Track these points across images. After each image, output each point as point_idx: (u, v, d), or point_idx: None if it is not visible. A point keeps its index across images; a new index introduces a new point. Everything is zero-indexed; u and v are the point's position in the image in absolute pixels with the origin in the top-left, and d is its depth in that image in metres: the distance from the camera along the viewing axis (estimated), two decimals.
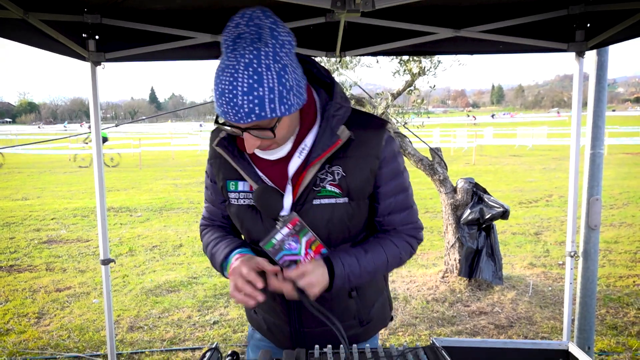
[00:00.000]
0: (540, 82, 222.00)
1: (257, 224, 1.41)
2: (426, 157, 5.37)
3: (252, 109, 1.15)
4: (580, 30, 2.80)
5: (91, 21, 2.78)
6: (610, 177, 12.88)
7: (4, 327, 4.60)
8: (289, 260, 1.34)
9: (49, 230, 8.76)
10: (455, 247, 5.29)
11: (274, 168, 1.37)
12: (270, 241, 1.32)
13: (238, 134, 1.25)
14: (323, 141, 1.31)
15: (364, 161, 1.36)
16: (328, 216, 1.35)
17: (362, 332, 1.53)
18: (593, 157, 3.35)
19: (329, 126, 1.33)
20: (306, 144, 1.35)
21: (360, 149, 1.36)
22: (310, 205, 1.35)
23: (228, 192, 1.45)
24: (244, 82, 1.13)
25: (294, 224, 1.31)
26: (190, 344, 4.18)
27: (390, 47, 3.06)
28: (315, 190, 1.35)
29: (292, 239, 1.32)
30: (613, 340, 4.08)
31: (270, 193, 1.34)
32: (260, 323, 1.60)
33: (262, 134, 1.22)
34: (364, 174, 1.37)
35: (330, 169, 1.35)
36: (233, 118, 1.17)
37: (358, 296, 1.48)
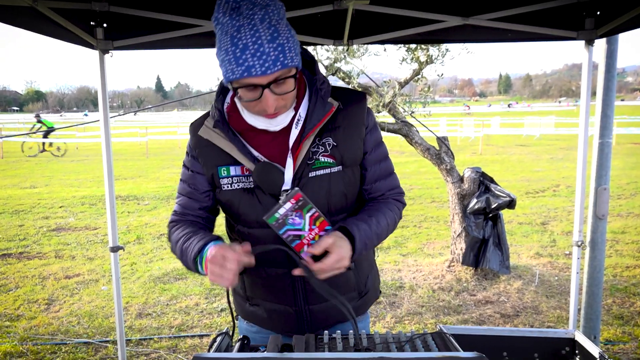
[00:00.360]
0: (548, 71, 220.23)
1: (254, 206, 1.41)
2: (433, 147, 5.36)
3: (277, 56, 1.20)
4: (590, 18, 2.78)
5: (99, 9, 2.77)
6: (619, 167, 12.81)
7: (14, 312, 4.66)
8: (292, 235, 1.35)
9: (58, 218, 8.83)
10: (461, 237, 5.29)
11: (271, 144, 1.40)
12: (273, 215, 1.33)
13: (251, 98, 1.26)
14: (316, 111, 1.38)
15: (352, 129, 1.43)
16: (326, 187, 1.40)
17: (360, 304, 1.57)
18: (601, 146, 3.34)
19: (319, 97, 1.39)
20: (300, 115, 1.39)
21: (347, 118, 1.43)
22: (307, 179, 1.39)
23: (220, 178, 1.44)
24: (266, 33, 1.19)
25: (297, 199, 1.32)
26: (198, 331, 4.22)
27: (398, 35, 3.04)
28: (309, 164, 1.39)
29: (296, 214, 1.33)
30: (619, 330, 4.09)
31: (270, 168, 1.36)
32: (257, 314, 1.58)
33: (283, 88, 1.26)
34: (354, 141, 1.44)
35: (322, 141, 1.41)
36: (260, 70, 1.19)
37: (356, 268, 1.49)
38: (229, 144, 1.40)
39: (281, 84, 1.25)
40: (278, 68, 1.20)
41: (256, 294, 1.55)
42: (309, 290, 1.45)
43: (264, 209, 1.37)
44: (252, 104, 1.29)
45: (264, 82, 1.22)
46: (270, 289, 1.51)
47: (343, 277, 1.46)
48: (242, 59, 1.19)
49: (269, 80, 1.22)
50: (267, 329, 1.58)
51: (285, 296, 1.49)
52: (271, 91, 1.25)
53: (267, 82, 1.23)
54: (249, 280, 1.56)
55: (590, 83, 2.89)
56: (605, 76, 3.28)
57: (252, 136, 1.40)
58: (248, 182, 1.41)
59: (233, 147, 1.39)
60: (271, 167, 1.36)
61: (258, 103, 1.27)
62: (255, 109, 1.31)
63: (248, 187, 1.41)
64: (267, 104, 1.26)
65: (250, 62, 1.19)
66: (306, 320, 1.50)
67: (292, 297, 1.48)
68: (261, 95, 1.25)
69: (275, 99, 1.26)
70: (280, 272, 1.45)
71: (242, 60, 1.19)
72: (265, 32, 1.19)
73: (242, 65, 1.19)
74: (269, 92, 1.24)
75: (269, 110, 1.28)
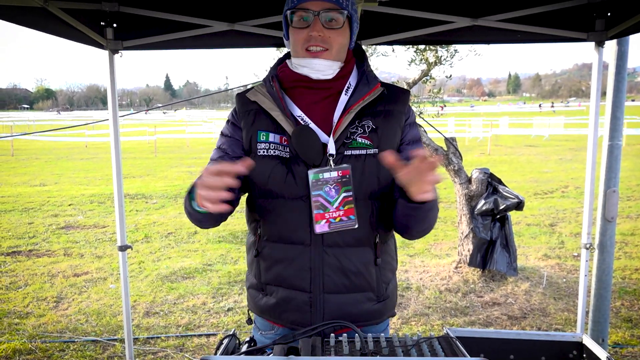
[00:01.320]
0: (558, 71, 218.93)
1: (284, 176, 1.41)
2: (441, 147, 5.35)
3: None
4: (600, 19, 2.76)
5: (109, 9, 2.80)
6: (628, 169, 12.71)
7: (23, 310, 4.70)
8: (320, 203, 1.37)
9: (67, 216, 8.89)
10: (469, 238, 5.28)
11: (316, 107, 1.45)
12: (318, 174, 1.36)
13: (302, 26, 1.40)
14: (362, 86, 1.46)
15: (393, 116, 1.47)
16: (360, 167, 1.41)
17: (377, 309, 1.51)
18: (611, 148, 3.31)
19: (366, 76, 1.48)
20: (351, 84, 1.47)
21: (389, 106, 1.48)
22: (342, 156, 1.41)
23: (258, 142, 1.44)
24: None
25: (344, 174, 1.37)
26: (205, 330, 4.24)
27: (407, 36, 3.04)
28: (346, 143, 1.41)
29: (334, 187, 1.37)
30: (627, 333, 4.06)
31: (309, 133, 1.39)
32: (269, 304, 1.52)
33: (331, 23, 1.40)
34: (393, 127, 1.47)
35: (361, 123, 1.44)
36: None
37: (379, 267, 1.49)
38: (273, 106, 1.43)
39: (331, 20, 1.39)
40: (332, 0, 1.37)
41: (271, 280, 1.49)
42: (327, 274, 1.43)
43: (294, 180, 1.39)
44: (302, 33, 1.40)
45: (316, 9, 1.38)
46: (287, 270, 1.46)
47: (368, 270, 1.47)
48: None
49: (320, 7, 1.38)
50: (278, 323, 1.52)
51: (301, 279, 1.44)
52: (320, 20, 1.38)
53: (319, 9, 1.38)
54: (265, 265, 1.50)
55: (600, 84, 2.87)
56: (616, 78, 3.26)
57: (298, 94, 1.46)
58: (285, 151, 1.42)
59: (277, 109, 1.42)
60: (310, 132, 1.39)
61: (307, 31, 1.40)
62: (303, 39, 1.41)
63: (283, 156, 1.42)
64: (315, 28, 1.38)
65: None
66: (319, 310, 1.44)
67: (308, 280, 1.44)
68: (311, 23, 1.38)
69: (322, 28, 1.39)
70: (299, 250, 1.43)
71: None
72: None
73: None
74: (318, 19, 1.38)
75: (314, 33, 1.38)
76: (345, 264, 1.42)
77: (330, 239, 1.41)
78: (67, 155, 20.12)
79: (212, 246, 6.82)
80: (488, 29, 2.93)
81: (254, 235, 1.53)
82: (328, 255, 1.42)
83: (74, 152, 21.29)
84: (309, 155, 1.38)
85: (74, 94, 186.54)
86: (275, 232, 1.45)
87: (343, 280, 1.44)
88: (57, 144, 24.86)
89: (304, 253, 1.42)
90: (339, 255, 1.42)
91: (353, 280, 1.44)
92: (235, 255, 6.38)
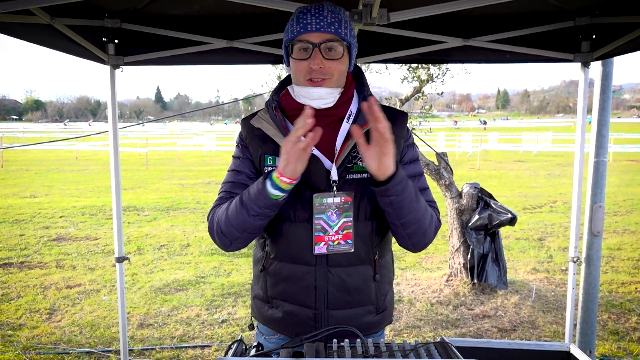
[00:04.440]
0: (546, 88, 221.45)
1: (290, 199, 1.45)
2: (432, 162, 5.45)
3: (333, 22, 1.42)
4: (586, 41, 2.88)
5: (111, 26, 2.87)
6: (615, 184, 12.92)
7: (16, 322, 4.70)
8: (321, 226, 1.44)
9: (58, 228, 8.88)
10: (460, 251, 5.36)
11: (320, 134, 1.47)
12: (321, 198, 1.42)
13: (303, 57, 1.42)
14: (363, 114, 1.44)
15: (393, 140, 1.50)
16: (360, 190, 1.48)
17: (377, 320, 1.60)
18: (597, 165, 3.42)
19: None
20: (352, 111, 1.52)
21: None
22: (344, 180, 1.47)
23: (265, 166, 1.51)
24: (329, 7, 1.45)
25: (347, 201, 1.43)
26: (200, 342, 4.27)
27: (400, 54, 3.14)
28: (348, 167, 1.48)
29: (336, 212, 1.43)
30: (614, 345, 4.15)
31: (313, 160, 1.42)
32: (275, 317, 1.59)
33: (331, 54, 1.42)
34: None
35: None
36: (315, 27, 1.40)
37: (378, 282, 1.57)
38: (277, 133, 1.48)
39: (331, 50, 1.42)
40: (331, 31, 1.40)
41: (277, 294, 1.57)
42: (331, 292, 1.51)
43: (300, 202, 1.46)
44: (303, 65, 1.43)
45: (316, 41, 1.40)
46: (292, 288, 1.53)
47: (367, 286, 1.54)
48: (302, 20, 1.42)
49: (320, 39, 1.40)
50: (284, 333, 1.59)
51: (307, 296, 1.52)
52: (320, 51, 1.41)
53: (319, 41, 1.40)
54: (271, 280, 1.57)
55: (586, 103, 2.98)
56: (601, 97, 3.38)
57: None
58: None
59: (281, 135, 1.47)
60: (314, 159, 1.43)
61: (307, 63, 1.42)
62: (304, 70, 1.44)
63: None
64: (315, 60, 1.41)
65: (309, 21, 1.41)
66: (323, 325, 1.52)
67: (313, 297, 1.51)
68: (312, 54, 1.41)
69: (322, 60, 1.41)
70: (305, 270, 1.50)
71: (302, 20, 1.42)
72: (329, 7, 1.44)
73: (300, 24, 1.41)
74: (318, 51, 1.41)
75: (315, 66, 1.41)
76: (347, 281, 1.51)
77: (334, 259, 1.49)
78: (57, 166, 20.03)
79: (205, 258, 6.85)
80: (479, 49, 3.03)
81: (262, 251, 1.60)
82: (332, 275, 1.50)
83: (64, 163, 21.22)
84: (313, 181, 1.45)
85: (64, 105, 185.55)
86: (282, 251, 1.52)
87: (345, 297, 1.52)
88: (47, 155, 24.77)
89: (310, 272, 1.50)
90: (342, 273, 1.51)
91: (355, 296, 1.53)
92: (228, 267, 6.41)
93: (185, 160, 22.85)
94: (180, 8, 2.83)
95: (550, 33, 2.87)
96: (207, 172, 17.52)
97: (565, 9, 2.74)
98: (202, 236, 8.12)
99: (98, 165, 20.02)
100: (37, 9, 2.27)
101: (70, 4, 2.41)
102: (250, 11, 2.77)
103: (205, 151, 25.42)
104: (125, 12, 2.83)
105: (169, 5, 2.77)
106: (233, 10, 2.78)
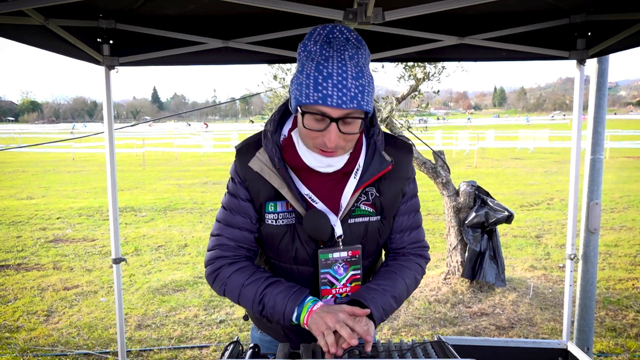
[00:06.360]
0: (543, 85, 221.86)
1: (293, 243, 1.42)
2: (429, 160, 5.45)
3: (356, 95, 1.21)
4: (581, 38, 2.88)
5: (106, 26, 2.87)
6: (611, 181, 12.95)
7: (14, 324, 4.68)
8: (328, 280, 1.42)
9: (55, 230, 8.86)
10: (457, 249, 5.37)
11: (323, 187, 1.40)
12: (327, 253, 1.39)
13: (316, 128, 1.25)
14: (373, 165, 1.39)
15: (397, 182, 1.45)
16: (362, 233, 1.44)
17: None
18: (593, 162, 3.43)
19: (377, 151, 1.40)
20: (359, 165, 1.39)
21: (393, 171, 1.44)
22: (346, 225, 1.41)
23: (266, 213, 1.42)
24: (352, 70, 1.21)
25: (354, 254, 1.40)
26: (198, 342, 4.26)
27: (396, 53, 3.13)
28: (350, 211, 1.41)
29: (343, 266, 1.41)
30: (612, 342, 4.16)
31: (320, 216, 1.36)
32: (273, 326, 1.60)
33: (349, 128, 1.26)
34: (396, 193, 1.46)
35: (364, 190, 1.43)
36: (336, 101, 1.20)
37: None
38: (281, 183, 1.37)
39: (349, 123, 1.25)
40: (354, 106, 1.21)
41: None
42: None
43: (302, 246, 1.41)
44: (314, 134, 1.27)
45: (335, 115, 1.22)
46: None
47: None
48: (322, 86, 1.20)
49: (340, 114, 1.22)
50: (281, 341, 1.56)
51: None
52: (338, 127, 1.24)
53: (338, 116, 1.22)
54: None
55: (582, 101, 2.98)
56: (597, 94, 3.38)
57: (305, 176, 1.39)
58: (291, 217, 1.41)
59: (284, 186, 1.37)
60: (322, 216, 1.36)
61: (320, 135, 1.26)
62: (315, 140, 1.29)
63: (291, 223, 1.42)
64: (330, 138, 1.25)
65: (330, 92, 1.20)
66: None
67: None
68: (326, 128, 1.24)
69: (339, 135, 1.26)
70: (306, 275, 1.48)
71: (322, 87, 1.20)
72: (352, 70, 1.21)
73: (320, 92, 1.20)
74: (335, 126, 1.24)
75: (330, 144, 1.26)
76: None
77: None
78: (54, 168, 19.98)
79: (202, 259, 6.82)
80: (474, 47, 3.03)
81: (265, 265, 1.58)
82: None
83: (60, 164, 21.16)
84: (318, 236, 1.39)
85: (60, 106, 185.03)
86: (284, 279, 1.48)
87: None
88: (43, 156, 24.71)
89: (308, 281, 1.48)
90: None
91: None
92: None
93: (182, 160, 22.80)
94: (175, 8, 2.81)
95: (545, 31, 2.87)
96: (204, 172, 17.49)
97: (560, 7, 2.74)
98: (200, 236, 8.11)
99: (95, 166, 19.97)
100: (31, 10, 2.26)
101: (64, 4, 2.40)
102: (243, 11, 2.77)
103: (203, 153, 25.35)
104: (119, 12, 2.82)
105: (163, 5, 2.76)
106: (228, 10, 2.77)
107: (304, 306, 1.31)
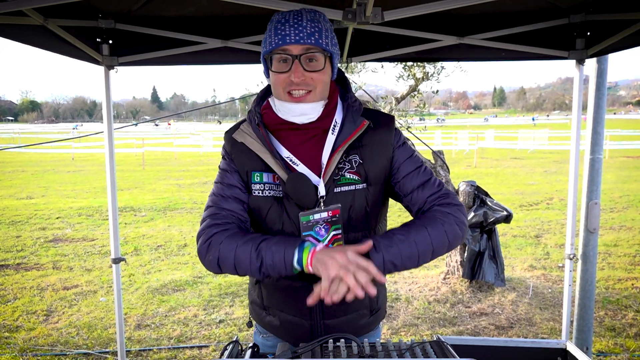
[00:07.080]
0: (542, 85, 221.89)
1: (280, 215, 1.43)
2: (429, 160, 5.45)
3: (313, 32, 1.36)
4: (580, 38, 2.88)
5: (105, 26, 2.87)
6: (611, 181, 12.95)
7: (13, 324, 4.68)
8: (310, 242, 1.40)
9: (55, 229, 8.85)
10: (456, 249, 5.37)
11: (303, 147, 1.44)
12: (308, 215, 1.39)
13: (282, 69, 1.37)
14: (348, 124, 1.45)
15: (379, 149, 1.47)
16: (350, 203, 1.44)
17: (372, 321, 1.62)
18: (592, 162, 3.43)
19: (350, 112, 1.47)
20: (337, 122, 1.46)
21: (374, 137, 1.48)
22: (332, 194, 1.42)
23: (252, 183, 1.46)
24: (309, 16, 1.38)
25: (334, 214, 1.40)
26: (197, 342, 4.27)
27: (395, 53, 3.14)
28: (335, 180, 1.43)
29: (324, 227, 1.40)
30: (611, 342, 4.16)
31: (302, 180, 1.39)
32: (272, 323, 1.60)
33: (312, 65, 1.37)
34: (381, 160, 1.47)
35: (348, 158, 1.45)
36: (294, 38, 1.34)
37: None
38: (262, 149, 1.43)
39: (312, 60, 1.37)
40: (311, 42, 1.35)
41: (273, 304, 1.58)
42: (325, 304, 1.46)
43: (289, 219, 1.43)
44: (282, 77, 1.38)
45: (296, 52, 1.35)
46: (287, 301, 1.54)
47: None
48: (280, 29, 1.36)
49: (300, 51, 1.35)
50: (281, 338, 1.60)
51: (301, 309, 1.50)
52: (300, 63, 1.35)
53: (299, 52, 1.35)
54: (267, 291, 1.58)
55: (581, 100, 2.99)
56: (596, 94, 3.38)
57: (284, 136, 1.45)
58: (278, 190, 1.44)
59: (266, 151, 1.42)
60: (303, 178, 1.39)
61: (287, 77, 1.37)
62: (284, 84, 1.39)
63: (277, 196, 1.44)
64: (295, 73, 1.36)
65: (287, 32, 1.35)
66: (320, 334, 1.52)
67: (308, 310, 1.51)
68: (291, 67, 1.36)
69: (303, 72, 1.36)
70: (298, 284, 1.48)
71: (280, 31, 1.35)
72: (309, 16, 1.38)
73: (279, 35, 1.35)
74: (298, 63, 1.35)
75: (295, 79, 1.36)
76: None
77: None
78: (53, 167, 19.98)
79: None
80: (473, 47, 3.04)
81: None
82: None
83: (60, 164, 21.15)
84: (302, 200, 1.40)
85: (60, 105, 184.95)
86: None
87: (340, 306, 1.48)
88: (43, 156, 24.70)
89: (303, 285, 1.47)
90: None
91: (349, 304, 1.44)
92: None
93: (181, 160, 22.80)
94: (173, 9, 2.82)
95: (544, 30, 2.88)
96: (203, 172, 17.49)
97: (559, 7, 2.74)
98: None
99: (94, 166, 19.97)
100: (31, 10, 2.26)
101: (64, 4, 2.40)
102: (242, 12, 2.77)
103: (202, 152, 25.34)
104: (119, 12, 2.82)
105: (162, 7, 2.76)
106: (227, 11, 2.77)
107: (305, 248, 1.31)
